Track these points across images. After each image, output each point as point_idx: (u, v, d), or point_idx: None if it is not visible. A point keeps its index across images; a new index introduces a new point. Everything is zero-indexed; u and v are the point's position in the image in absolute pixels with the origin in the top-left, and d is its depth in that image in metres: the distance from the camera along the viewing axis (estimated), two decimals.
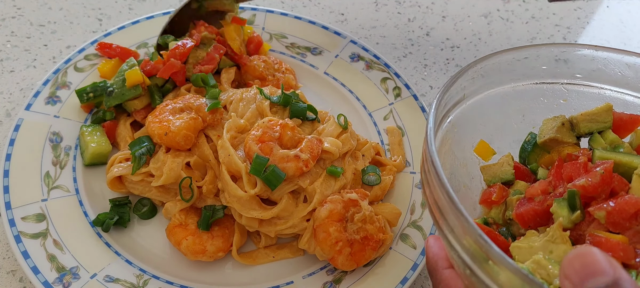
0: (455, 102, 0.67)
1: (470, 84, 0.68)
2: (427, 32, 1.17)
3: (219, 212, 0.80)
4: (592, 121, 0.67)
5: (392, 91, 0.98)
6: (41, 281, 0.71)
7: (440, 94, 0.63)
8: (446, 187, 0.53)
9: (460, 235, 0.51)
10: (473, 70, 0.67)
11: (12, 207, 0.77)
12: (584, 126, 0.67)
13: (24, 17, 1.08)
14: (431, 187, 0.56)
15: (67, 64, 0.93)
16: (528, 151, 0.71)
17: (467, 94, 0.68)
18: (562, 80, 0.72)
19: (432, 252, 0.62)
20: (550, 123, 0.69)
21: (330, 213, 0.75)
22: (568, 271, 0.42)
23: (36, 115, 0.86)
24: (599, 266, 0.41)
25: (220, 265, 0.79)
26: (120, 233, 0.80)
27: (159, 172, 0.79)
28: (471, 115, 0.69)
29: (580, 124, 0.67)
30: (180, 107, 0.82)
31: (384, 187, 0.84)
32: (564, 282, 0.42)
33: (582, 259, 0.41)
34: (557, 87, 0.73)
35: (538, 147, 0.70)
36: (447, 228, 0.54)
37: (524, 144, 0.72)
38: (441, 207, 0.54)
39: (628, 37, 1.22)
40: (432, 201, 0.57)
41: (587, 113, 0.67)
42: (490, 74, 0.69)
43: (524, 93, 0.72)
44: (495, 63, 0.69)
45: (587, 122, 0.67)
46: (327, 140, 0.80)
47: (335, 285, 0.76)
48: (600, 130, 0.67)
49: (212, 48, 0.93)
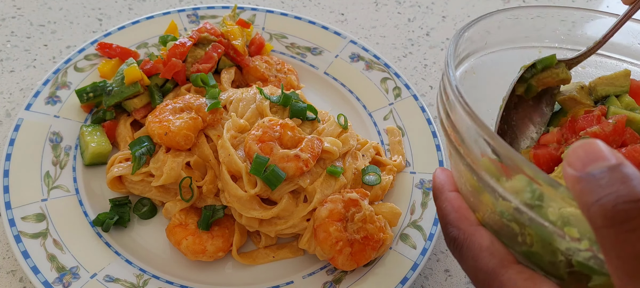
0: (476, 48, 0.66)
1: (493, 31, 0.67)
2: (427, 32, 1.17)
3: (219, 212, 0.80)
4: (609, 85, 0.68)
5: (392, 91, 0.98)
6: (41, 281, 0.71)
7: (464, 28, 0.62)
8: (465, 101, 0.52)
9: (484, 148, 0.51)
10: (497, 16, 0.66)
11: (12, 206, 0.77)
12: (601, 89, 0.68)
13: (24, 17, 1.08)
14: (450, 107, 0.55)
15: (67, 64, 0.93)
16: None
17: (489, 42, 0.68)
18: (582, 48, 0.72)
19: (439, 180, 0.62)
20: (569, 85, 0.69)
21: (330, 213, 0.75)
22: (571, 158, 0.42)
23: (36, 115, 0.86)
24: (602, 153, 0.41)
25: (220, 265, 0.79)
26: (120, 233, 0.80)
27: (159, 172, 0.79)
28: (489, 66, 0.69)
29: (597, 88, 0.68)
30: (180, 107, 0.82)
31: (384, 187, 0.84)
32: (567, 169, 0.43)
33: (585, 147, 0.42)
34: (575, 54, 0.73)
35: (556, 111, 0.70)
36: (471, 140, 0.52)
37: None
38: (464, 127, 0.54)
39: None
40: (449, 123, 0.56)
41: (605, 77, 0.68)
42: (513, 26, 0.69)
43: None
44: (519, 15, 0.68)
45: (604, 86, 0.68)
46: (327, 140, 0.80)
47: (335, 285, 0.76)
48: (617, 94, 0.68)
49: (210, 47, 0.93)
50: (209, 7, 1.05)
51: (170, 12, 1.03)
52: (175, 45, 0.90)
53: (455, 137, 0.55)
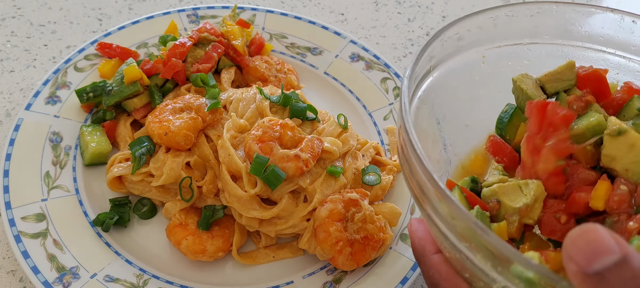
0: (423, 75, 0.66)
1: (437, 54, 0.67)
2: (427, 32, 1.17)
3: (219, 212, 0.80)
4: (557, 80, 0.67)
5: (392, 91, 0.98)
6: (41, 281, 0.71)
7: (411, 68, 0.62)
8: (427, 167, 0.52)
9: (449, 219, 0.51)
10: (438, 40, 0.66)
11: (12, 206, 0.77)
12: (549, 86, 0.67)
13: (24, 17, 1.08)
14: (411, 167, 0.55)
15: (67, 64, 0.93)
16: (505, 122, 0.70)
17: (433, 65, 0.68)
18: (524, 41, 0.72)
19: (418, 237, 0.60)
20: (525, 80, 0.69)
21: (330, 213, 0.75)
22: (572, 251, 0.39)
23: (36, 115, 0.86)
24: (604, 243, 0.38)
25: (220, 265, 0.79)
26: (120, 233, 0.80)
27: (159, 172, 0.79)
28: (439, 86, 0.69)
29: (546, 85, 0.68)
30: (180, 107, 0.82)
31: (384, 187, 0.84)
32: (569, 265, 0.40)
33: (585, 237, 0.39)
34: (520, 48, 0.72)
35: (515, 118, 0.69)
36: (431, 209, 0.53)
37: (501, 115, 0.71)
38: (423, 187, 0.54)
39: None
40: (413, 183, 0.56)
41: (551, 73, 0.68)
42: (454, 41, 0.69)
43: (488, 58, 0.72)
44: (458, 29, 0.68)
45: (552, 82, 0.67)
46: (327, 140, 0.80)
47: (335, 285, 0.76)
48: (565, 88, 0.67)
49: (210, 47, 0.93)
50: (209, 7, 1.05)
51: (170, 12, 1.03)
52: (175, 45, 0.90)
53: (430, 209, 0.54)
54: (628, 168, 0.57)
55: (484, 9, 0.69)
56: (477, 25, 0.69)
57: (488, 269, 0.48)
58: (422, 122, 0.66)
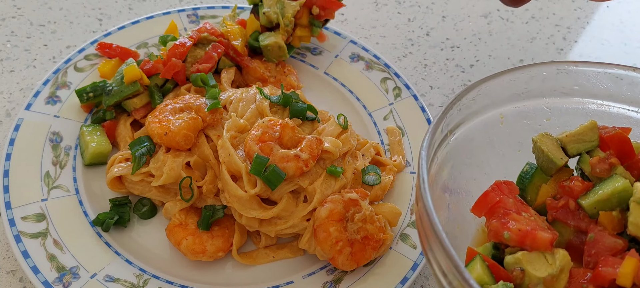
0: (442, 139, 0.66)
1: (454, 119, 0.67)
2: (427, 32, 1.17)
3: (219, 212, 0.80)
4: (578, 141, 0.66)
5: (392, 91, 0.98)
6: (41, 281, 0.71)
7: (428, 138, 0.61)
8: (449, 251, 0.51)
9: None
10: (456, 107, 0.66)
11: (12, 206, 0.77)
12: (572, 147, 0.66)
13: (24, 17, 1.08)
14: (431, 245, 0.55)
15: (67, 64, 0.93)
16: (526, 182, 0.69)
17: (451, 129, 0.67)
18: (544, 99, 0.71)
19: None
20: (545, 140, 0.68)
21: (330, 213, 0.75)
22: None
23: (36, 115, 0.86)
24: None
25: (220, 265, 0.79)
26: (120, 233, 0.80)
27: (159, 172, 0.79)
28: (458, 150, 0.68)
29: (567, 146, 0.66)
30: (180, 107, 0.82)
31: (384, 187, 0.84)
32: None
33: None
34: (539, 106, 0.72)
35: (536, 178, 0.68)
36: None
37: (521, 174, 0.70)
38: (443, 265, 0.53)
39: (628, 37, 1.22)
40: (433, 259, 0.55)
41: (572, 133, 0.66)
42: (470, 105, 0.68)
43: (506, 118, 0.71)
44: (474, 94, 0.68)
45: (574, 143, 0.66)
46: (327, 140, 0.80)
47: (335, 285, 0.76)
48: (588, 150, 0.66)
49: (210, 47, 0.93)
50: (209, 7, 1.05)
51: (170, 12, 1.03)
52: (175, 45, 0.90)
53: None
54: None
55: (501, 72, 0.68)
56: (494, 87, 0.68)
57: None
58: (439, 187, 0.65)
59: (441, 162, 0.66)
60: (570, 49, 1.18)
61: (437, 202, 0.62)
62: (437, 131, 0.63)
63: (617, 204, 0.60)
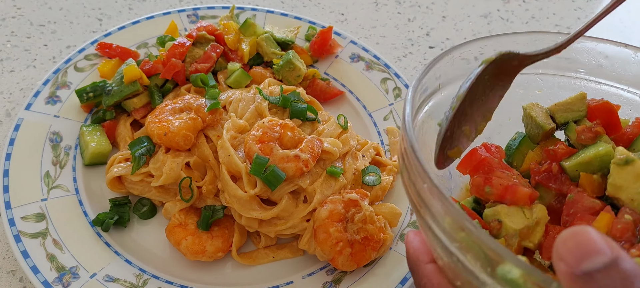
0: (432, 92, 0.66)
1: (445, 72, 0.66)
2: (427, 32, 1.17)
3: (218, 212, 0.80)
4: (567, 110, 0.67)
5: (392, 91, 0.98)
6: (41, 280, 0.71)
7: (417, 80, 0.61)
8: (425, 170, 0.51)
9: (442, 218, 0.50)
10: (449, 56, 0.65)
11: (12, 206, 0.77)
12: (559, 116, 0.67)
13: (24, 17, 1.08)
14: (410, 172, 0.55)
15: (67, 64, 0.93)
16: (513, 149, 0.70)
17: (443, 82, 0.67)
18: (538, 71, 0.72)
19: (413, 247, 0.60)
20: (535, 108, 0.68)
21: (330, 213, 0.75)
22: (562, 251, 0.39)
23: (36, 115, 0.86)
24: (595, 245, 0.38)
25: (220, 265, 0.79)
26: (119, 233, 0.80)
27: (158, 172, 0.79)
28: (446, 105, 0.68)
29: (555, 115, 0.67)
30: (180, 107, 0.82)
31: (384, 188, 0.84)
32: (559, 264, 0.39)
33: (576, 238, 0.39)
34: (532, 78, 0.72)
35: (523, 145, 0.69)
36: (430, 216, 0.52)
37: (510, 141, 0.71)
38: (421, 191, 0.53)
39: (628, 37, 1.22)
40: (412, 189, 0.55)
41: (561, 103, 0.67)
42: (464, 62, 0.68)
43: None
44: (470, 50, 0.68)
45: (562, 112, 0.67)
46: (327, 140, 0.80)
47: (335, 285, 0.76)
48: (575, 119, 0.67)
49: (209, 47, 0.93)
50: (209, 7, 1.05)
51: (170, 12, 1.03)
52: (174, 46, 0.90)
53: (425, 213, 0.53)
54: (634, 198, 0.57)
55: (502, 33, 0.69)
56: (491, 49, 0.68)
57: (478, 271, 0.48)
58: (427, 137, 0.66)
59: (429, 113, 0.66)
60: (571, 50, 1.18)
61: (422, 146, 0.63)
62: (426, 76, 0.62)
63: (599, 168, 0.61)
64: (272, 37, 0.98)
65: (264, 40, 0.97)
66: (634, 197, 0.57)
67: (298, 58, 0.96)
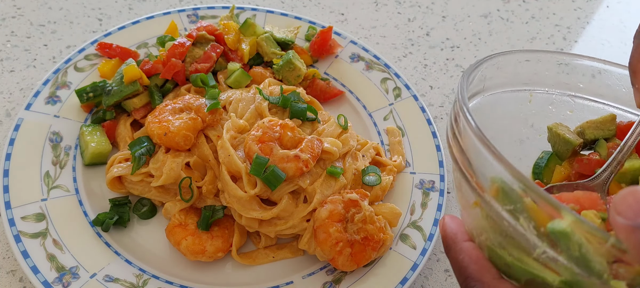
0: (475, 92, 0.67)
1: (490, 75, 0.68)
2: (427, 32, 1.17)
3: (218, 212, 0.80)
4: (597, 129, 0.69)
5: (392, 91, 0.98)
6: (41, 281, 0.71)
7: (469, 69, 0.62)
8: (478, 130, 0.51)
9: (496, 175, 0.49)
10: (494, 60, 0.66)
11: (11, 206, 0.77)
12: (590, 132, 0.68)
13: (24, 17, 1.08)
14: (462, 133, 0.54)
15: (67, 64, 0.93)
16: (541, 167, 0.71)
17: (487, 86, 0.68)
18: (571, 93, 0.73)
19: (450, 228, 0.59)
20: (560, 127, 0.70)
21: (330, 213, 0.75)
22: (621, 207, 0.42)
23: (36, 115, 0.86)
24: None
25: (220, 265, 0.79)
26: (119, 233, 0.80)
27: (158, 172, 0.79)
28: (485, 110, 0.69)
29: (586, 131, 0.69)
30: (180, 108, 0.82)
31: (384, 188, 0.84)
32: (616, 218, 0.42)
33: (635, 195, 0.42)
34: (565, 99, 0.73)
35: (551, 162, 0.71)
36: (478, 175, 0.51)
37: (537, 160, 0.72)
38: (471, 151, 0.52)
39: (628, 38, 1.22)
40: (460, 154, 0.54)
41: (592, 121, 0.69)
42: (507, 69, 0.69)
43: (535, 99, 0.73)
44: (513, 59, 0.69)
45: (593, 130, 0.69)
46: (327, 140, 0.80)
47: (335, 285, 0.76)
48: (605, 137, 0.68)
49: (209, 47, 0.93)
50: (209, 7, 1.04)
51: (170, 12, 1.03)
52: (174, 45, 0.90)
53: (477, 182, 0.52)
54: None
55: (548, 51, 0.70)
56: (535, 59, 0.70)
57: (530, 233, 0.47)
58: None
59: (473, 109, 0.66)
60: (570, 49, 1.18)
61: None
62: (472, 73, 0.63)
63: (631, 181, 0.62)
64: (272, 37, 0.98)
65: (264, 40, 0.97)
66: None
67: (298, 58, 0.96)
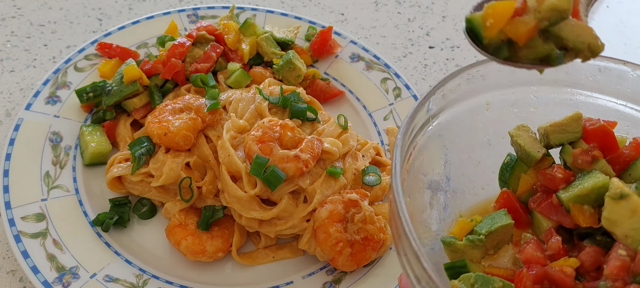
0: (422, 125, 0.65)
1: (437, 104, 0.66)
2: (427, 32, 1.17)
3: (218, 212, 0.80)
4: (562, 132, 0.65)
5: (392, 91, 0.98)
6: (41, 281, 0.71)
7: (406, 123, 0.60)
8: (414, 246, 0.51)
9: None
10: (439, 92, 0.64)
11: (12, 206, 0.77)
12: (554, 138, 0.65)
13: (24, 17, 1.08)
14: (400, 236, 0.54)
15: (67, 64, 0.93)
16: (507, 173, 0.69)
17: (433, 113, 0.66)
18: (532, 88, 0.70)
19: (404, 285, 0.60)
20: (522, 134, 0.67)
21: (330, 213, 0.75)
22: None
23: (36, 115, 0.86)
24: None
25: (220, 265, 0.79)
26: (119, 233, 0.80)
27: (158, 172, 0.79)
28: (439, 134, 0.67)
29: (550, 136, 0.66)
30: (180, 108, 0.82)
31: (384, 188, 0.84)
32: None
33: None
34: (526, 95, 0.71)
35: (517, 169, 0.68)
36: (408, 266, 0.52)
37: (502, 166, 0.70)
38: (411, 262, 0.52)
39: (628, 38, 1.22)
40: (400, 247, 0.55)
41: (556, 123, 0.66)
42: (455, 90, 0.67)
43: (492, 105, 0.70)
44: (459, 80, 0.67)
45: (557, 133, 0.65)
46: (327, 140, 0.80)
47: (335, 285, 0.76)
48: (571, 141, 0.65)
49: (209, 47, 0.93)
50: (209, 7, 1.05)
51: (170, 12, 1.03)
52: (174, 45, 0.90)
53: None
54: (628, 234, 0.55)
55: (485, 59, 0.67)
56: (480, 74, 0.67)
57: None
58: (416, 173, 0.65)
59: (420, 148, 0.65)
60: None
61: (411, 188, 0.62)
62: (416, 116, 0.61)
63: (595, 201, 0.60)
64: (272, 37, 0.98)
65: (264, 40, 0.97)
66: (628, 233, 0.55)
67: (298, 58, 0.96)
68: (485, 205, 0.70)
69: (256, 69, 0.95)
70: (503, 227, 0.61)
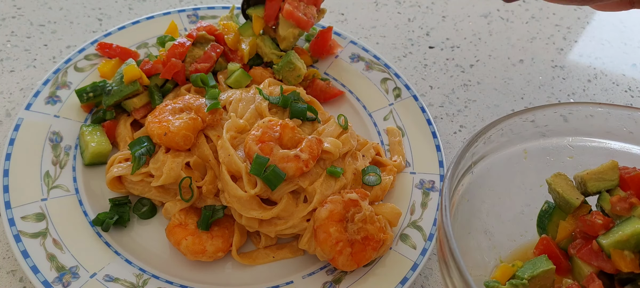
0: (465, 171, 0.67)
1: (478, 151, 0.68)
2: (427, 32, 1.17)
3: (218, 212, 0.80)
4: (599, 180, 0.67)
5: (392, 91, 0.98)
6: (41, 280, 0.71)
7: (452, 168, 0.63)
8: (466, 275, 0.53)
9: None
10: (481, 140, 0.67)
11: (11, 206, 0.77)
12: (591, 185, 0.67)
13: (24, 17, 1.08)
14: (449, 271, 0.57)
15: (67, 64, 0.93)
16: (546, 220, 0.71)
17: (475, 160, 0.68)
18: (568, 138, 0.72)
19: None
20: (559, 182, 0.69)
21: (330, 213, 0.75)
22: None
23: (36, 115, 0.86)
24: None
25: (220, 265, 0.79)
26: (119, 232, 0.80)
27: (158, 172, 0.79)
28: (480, 183, 0.69)
29: (587, 183, 0.67)
30: (180, 108, 0.82)
31: (384, 187, 0.84)
32: None
33: None
34: (562, 144, 0.73)
35: (555, 216, 0.70)
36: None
37: (541, 213, 0.72)
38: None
39: (628, 38, 1.22)
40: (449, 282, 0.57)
41: (593, 171, 0.67)
42: (496, 139, 0.69)
43: (530, 154, 0.73)
44: (500, 129, 0.69)
45: (594, 181, 0.67)
46: (327, 140, 0.80)
47: (335, 285, 0.76)
48: (608, 188, 0.67)
49: (209, 47, 0.93)
50: (209, 7, 1.05)
51: (170, 12, 1.03)
52: (174, 45, 0.90)
53: None
54: None
55: (527, 109, 0.70)
56: (519, 123, 0.70)
57: None
58: (461, 216, 0.67)
59: (463, 193, 0.67)
60: (570, 49, 1.18)
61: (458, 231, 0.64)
62: (461, 161, 0.64)
63: (635, 246, 0.61)
64: None
65: (264, 40, 0.97)
66: None
67: (298, 58, 0.96)
68: (525, 251, 0.72)
69: (256, 69, 0.95)
70: (545, 271, 0.63)
